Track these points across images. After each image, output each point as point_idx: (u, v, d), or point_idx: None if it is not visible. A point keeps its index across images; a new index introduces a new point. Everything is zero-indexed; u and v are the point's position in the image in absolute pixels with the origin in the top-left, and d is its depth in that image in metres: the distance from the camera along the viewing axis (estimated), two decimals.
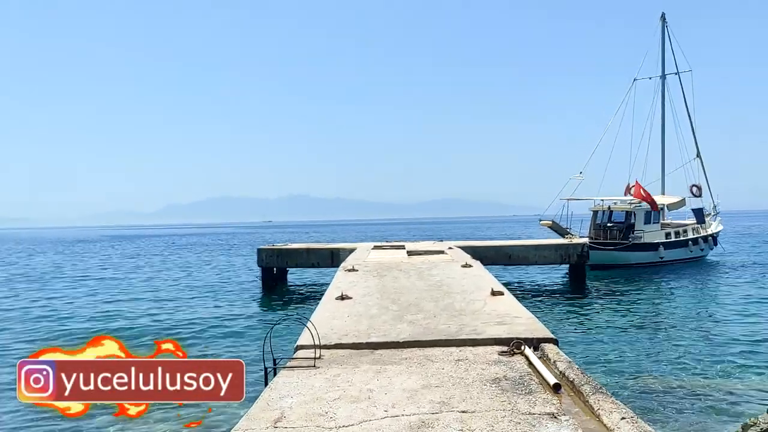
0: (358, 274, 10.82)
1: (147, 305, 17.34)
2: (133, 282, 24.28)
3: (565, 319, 13.78)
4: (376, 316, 7.07)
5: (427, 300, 8.07)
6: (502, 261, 18.71)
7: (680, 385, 8.09)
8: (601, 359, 9.68)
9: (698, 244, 27.03)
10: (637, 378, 8.43)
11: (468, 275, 10.33)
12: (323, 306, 7.77)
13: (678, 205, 28.26)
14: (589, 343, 11.04)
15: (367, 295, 8.51)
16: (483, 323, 6.53)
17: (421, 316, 7.05)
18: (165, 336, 12.62)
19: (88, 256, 46.15)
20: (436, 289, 9.02)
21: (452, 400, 4.13)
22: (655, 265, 24.57)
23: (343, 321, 6.85)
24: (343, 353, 5.67)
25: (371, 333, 6.26)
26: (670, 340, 11.33)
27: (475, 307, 7.49)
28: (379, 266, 11.98)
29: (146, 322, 14.51)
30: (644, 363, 9.39)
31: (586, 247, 18.73)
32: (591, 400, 4.07)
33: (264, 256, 19.04)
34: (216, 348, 11.46)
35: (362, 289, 9.09)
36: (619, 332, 12.12)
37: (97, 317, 15.59)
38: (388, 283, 9.68)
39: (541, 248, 18.76)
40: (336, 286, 9.45)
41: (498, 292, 8.24)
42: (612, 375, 8.59)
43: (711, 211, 30.15)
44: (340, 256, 17.67)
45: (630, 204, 25.54)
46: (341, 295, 8.20)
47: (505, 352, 5.54)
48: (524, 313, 6.99)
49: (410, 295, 8.50)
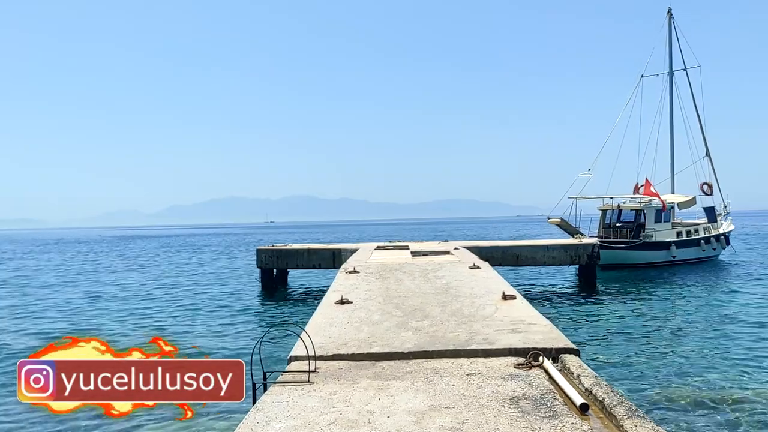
0: (360, 276, 10.24)
1: (135, 308, 16.77)
2: (125, 284, 23.61)
3: (578, 324, 13.11)
4: (378, 323, 6.51)
5: (433, 304, 7.50)
6: (509, 262, 18.10)
7: (713, 397, 7.48)
8: (620, 369, 9.05)
9: (710, 243, 26.32)
10: (663, 390, 7.82)
11: (476, 277, 9.74)
12: (321, 311, 7.21)
13: (689, 203, 27.59)
14: (606, 350, 10.42)
15: (369, 299, 7.94)
16: (495, 331, 5.96)
17: (428, 322, 6.48)
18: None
19: (80, 258, 45.70)
20: (442, 292, 8.45)
21: (465, 425, 3.56)
22: (667, 264, 23.91)
23: (342, 328, 6.29)
24: (341, 365, 5.11)
25: (372, 342, 5.70)
26: (695, 346, 10.62)
27: (486, 312, 6.91)
28: (381, 268, 11.41)
29: (133, 326, 13.93)
30: (669, 373, 8.75)
31: (597, 248, 18.10)
32: (627, 425, 3.49)
33: (263, 257, 18.45)
34: (210, 353, 10.94)
35: (364, 292, 8.52)
36: (637, 338, 11.45)
37: (76, 321, 15.13)
38: (392, 285, 9.11)
39: (550, 249, 18.11)
40: (336, 289, 8.88)
41: (510, 295, 7.66)
42: (635, 387, 7.98)
43: (722, 210, 29.45)
44: (342, 256, 17.10)
45: (640, 202, 24.89)
46: (341, 299, 7.64)
47: (521, 364, 4.96)
48: (540, 319, 6.42)
49: (415, 299, 7.93)
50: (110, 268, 33.05)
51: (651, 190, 24.60)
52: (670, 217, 25.68)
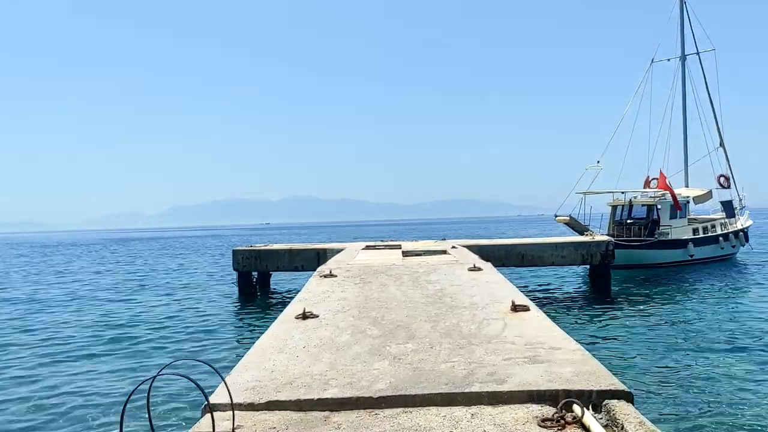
0: (336, 281, 8.48)
1: (85, 318, 14.92)
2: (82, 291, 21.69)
3: (596, 338, 11.28)
4: (346, 347, 4.77)
5: (422, 318, 5.76)
6: (513, 262, 16.33)
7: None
8: (659, 397, 7.28)
9: (729, 240, 24.49)
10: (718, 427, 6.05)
11: (478, 282, 7.98)
12: (273, 330, 5.46)
13: (705, 197, 25.78)
14: (636, 370, 8.63)
15: (341, 312, 6.19)
16: (506, 360, 4.23)
17: (412, 345, 4.75)
18: (102, 358, 10.30)
19: (44, 263, 43.85)
20: (435, 301, 6.70)
21: None
22: (684, 264, 22.11)
23: (294, 356, 4.55)
24: (277, 419, 3.39)
25: (331, 379, 3.97)
26: (747, 364, 8.81)
27: (492, 330, 5.18)
28: (364, 270, 9.63)
29: (82, 343, 12.03)
30: (722, 401, 6.98)
31: (611, 245, 16.30)
32: None
33: (240, 259, 16.66)
34: (161, 380, 9.16)
35: (336, 302, 6.77)
36: (673, 353, 9.62)
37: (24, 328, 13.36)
38: (373, 293, 7.35)
39: (559, 247, 16.32)
40: (302, 298, 7.15)
41: (521, 306, 5.92)
42: (683, 420, 6.21)
43: (737, 205, 27.63)
44: (327, 257, 15.36)
45: (653, 197, 23.08)
46: (303, 313, 5.89)
47: (549, 419, 3.23)
48: (566, 341, 4.69)
49: (399, 311, 6.19)
50: (77, 272, 31.08)
51: (666, 184, 22.77)
52: (686, 212, 23.88)
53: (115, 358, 10.35)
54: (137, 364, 9.83)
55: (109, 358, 10.28)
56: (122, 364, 9.80)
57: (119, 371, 9.36)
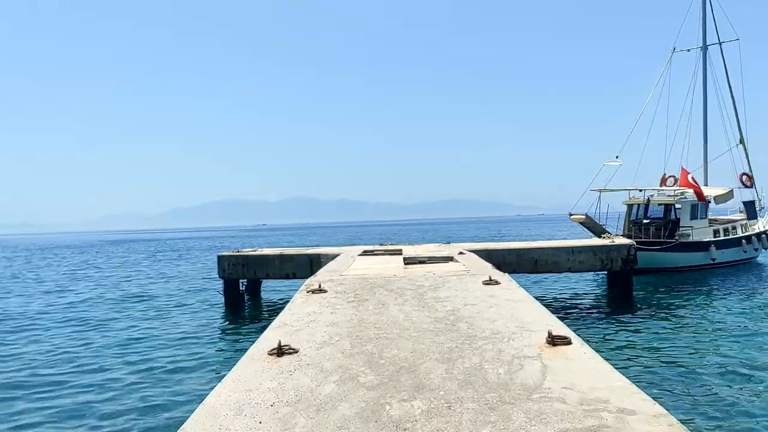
0: (326, 298, 7.10)
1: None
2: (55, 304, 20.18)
3: (623, 354, 9.95)
4: (329, 406, 3.41)
5: (432, 356, 4.40)
6: (525, 268, 14.93)
7: None
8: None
9: (751, 242, 23.04)
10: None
11: (497, 300, 6.60)
12: (237, 373, 4.09)
13: (726, 197, 24.33)
14: (674, 395, 7.32)
15: (327, 344, 4.83)
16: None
17: (422, 404, 3.39)
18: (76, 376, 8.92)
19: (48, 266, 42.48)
20: (448, 328, 5.34)
21: None
22: (706, 268, 20.69)
23: (257, 422, 3.19)
24: None
25: None
26: None
27: (528, 377, 3.82)
28: (360, 284, 8.25)
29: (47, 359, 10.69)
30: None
31: (633, 250, 14.88)
32: None
33: (226, 266, 15.22)
34: (129, 401, 7.82)
35: (322, 329, 5.41)
36: (715, 377, 8.33)
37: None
38: (369, 315, 5.99)
39: (576, 251, 14.90)
40: (281, 322, 5.78)
41: (560, 338, 4.56)
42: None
43: (757, 205, 26.22)
44: (321, 263, 13.97)
45: (671, 196, 21.62)
46: (279, 347, 4.53)
47: None
48: (637, 396, 3.32)
49: (403, 342, 4.83)
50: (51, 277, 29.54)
51: (688, 181, 21.30)
52: (707, 212, 22.42)
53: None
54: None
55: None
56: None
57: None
